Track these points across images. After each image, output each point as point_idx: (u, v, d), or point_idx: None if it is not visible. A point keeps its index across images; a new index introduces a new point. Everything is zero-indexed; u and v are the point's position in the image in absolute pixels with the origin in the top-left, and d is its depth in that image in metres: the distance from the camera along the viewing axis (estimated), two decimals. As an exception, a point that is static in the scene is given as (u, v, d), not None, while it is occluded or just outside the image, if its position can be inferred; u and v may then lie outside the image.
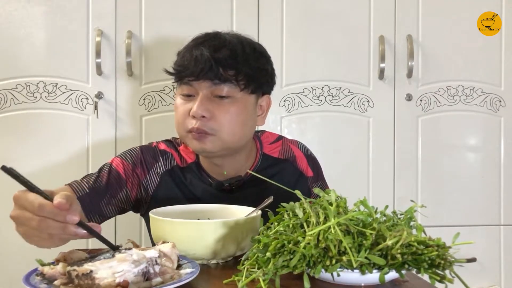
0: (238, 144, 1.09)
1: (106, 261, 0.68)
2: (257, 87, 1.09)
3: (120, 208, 1.13)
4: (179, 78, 1.06)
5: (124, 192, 1.12)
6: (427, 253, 0.66)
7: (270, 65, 1.14)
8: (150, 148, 1.17)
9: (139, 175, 1.13)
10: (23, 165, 1.71)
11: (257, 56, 1.09)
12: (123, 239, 1.72)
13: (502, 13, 1.90)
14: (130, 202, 1.14)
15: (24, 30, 1.72)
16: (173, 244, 0.77)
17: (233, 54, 1.03)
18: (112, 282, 0.65)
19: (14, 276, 1.53)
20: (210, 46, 1.03)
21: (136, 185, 1.13)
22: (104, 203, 1.09)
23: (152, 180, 1.14)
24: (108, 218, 1.12)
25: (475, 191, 1.91)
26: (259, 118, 1.14)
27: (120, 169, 1.12)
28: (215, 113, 1.03)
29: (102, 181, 1.09)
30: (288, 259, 0.68)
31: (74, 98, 1.74)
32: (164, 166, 1.15)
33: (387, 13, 1.85)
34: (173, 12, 1.77)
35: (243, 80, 1.04)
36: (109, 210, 1.10)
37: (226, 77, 1.02)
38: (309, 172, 1.24)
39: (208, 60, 1.01)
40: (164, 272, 0.72)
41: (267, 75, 1.12)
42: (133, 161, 1.14)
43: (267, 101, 1.15)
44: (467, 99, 1.91)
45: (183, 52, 1.07)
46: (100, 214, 1.09)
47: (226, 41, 1.05)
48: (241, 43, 1.07)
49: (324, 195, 0.76)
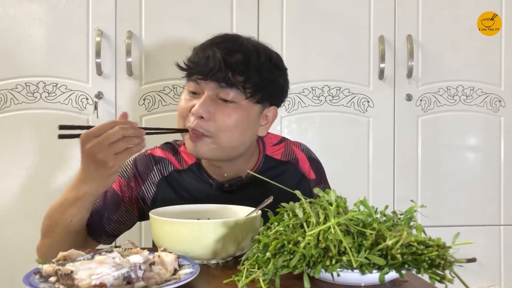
0: (235, 151, 1.07)
1: (86, 262, 0.68)
2: (265, 98, 1.06)
3: (124, 223, 1.13)
4: (188, 74, 1.05)
5: (122, 209, 1.12)
6: (427, 253, 0.66)
7: (284, 77, 1.10)
8: (143, 158, 1.16)
9: (134, 188, 1.13)
10: (23, 165, 1.72)
11: (271, 66, 1.05)
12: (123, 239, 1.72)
13: (502, 13, 1.90)
14: (134, 214, 1.14)
15: (24, 30, 1.72)
16: (176, 257, 0.77)
17: (246, 60, 1.01)
18: (90, 284, 0.64)
19: (14, 276, 1.53)
20: (225, 48, 1.01)
21: (134, 197, 1.13)
22: (105, 223, 1.10)
23: (148, 190, 1.13)
24: (116, 235, 1.14)
25: (475, 191, 1.91)
26: (261, 128, 1.10)
27: (116, 186, 1.12)
28: (216, 116, 1.01)
29: (99, 202, 1.10)
30: (288, 259, 0.68)
31: (74, 98, 1.74)
32: (160, 174, 1.14)
33: (387, 13, 1.85)
34: (173, 12, 1.77)
35: (251, 88, 1.02)
36: (113, 227, 1.11)
37: (234, 82, 1.00)
38: (311, 175, 1.22)
39: (219, 62, 0.99)
40: (150, 277, 0.71)
41: (278, 88, 1.09)
42: (128, 175, 1.13)
43: (273, 113, 1.12)
44: (467, 99, 1.91)
45: (198, 49, 1.05)
46: (105, 233, 1.11)
47: (242, 45, 1.03)
48: (257, 50, 1.04)
49: (324, 195, 0.76)
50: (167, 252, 0.79)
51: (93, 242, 1.12)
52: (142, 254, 0.74)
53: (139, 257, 0.72)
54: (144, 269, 0.71)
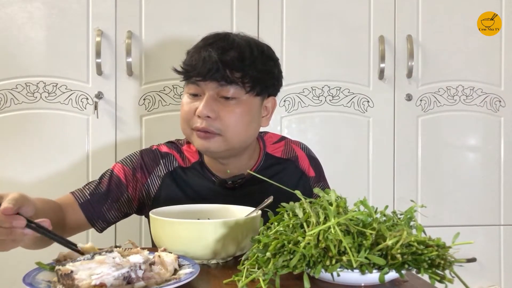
0: (243, 145, 1.11)
1: (86, 262, 0.69)
2: (263, 89, 1.10)
3: (123, 212, 1.15)
4: (187, 77, 1.08)
5: (125, 197, 1.14)
6: (427, 253, 0.67)
7: (277, 67, 1.15)
8: (150, 152, 1.19)
9: (140, 179, 1.15)
10: (23, 165, 1.71)
11: (265, 59, 1.10)
12: (123, 239, 1.73)
13: (502, 13, 1.89)
14: (133, 206, 1.16)
15: (24, 30, 1.72)
16: (176, 257, 0.78)
17: (241, 57, 1.04)
18: (90, 284, 0.65)
19: (14, 276, 1.52)
20: (219, 48, 1.04)
21: (138, 189, 1.15)
22: (106, 209, 1.11)
23: (154, 183, 1.16)
24: (112, 223, 1.15)
25: (475, 191, 1.91)
26: (263, 119, 1.15)
27: (121, 174, 1.14)
28: (220, 114, 1.05)
29: (103, 187, 1.12)
30: (288, 259, 0.68)
31: (74, 98, 1.74)
32: (165, 169, 1.17)
33: (387, 13, 1.85)
34: (173, 12, 1.77)
35: (249, 82, 1.05)
36: (112, 215, 1.13)
37: (233, 79, 1.04)
38: (311, 172, 1.26)
39: (216, 62, 1.02)
40: (150, 277, 0.71)
41: (274, 78, 1.13)
42: (134, 165, 1.16)
43: (272, 103, 1.16)
44: (467, 99, 1.90)
45: (192, 52, 1.08)
46: (104, 219, 1.12)
47: (234, 43, 1.06)
48: (249, 45, 1.07)
49: (324, 195, 0.76)
50: (167, 252, 0.79)
51: (84, 225, 1.09)
52: (142, 254, 0.74)
53: (139, 257, 0.72)
54: (144, 269, 0.71)
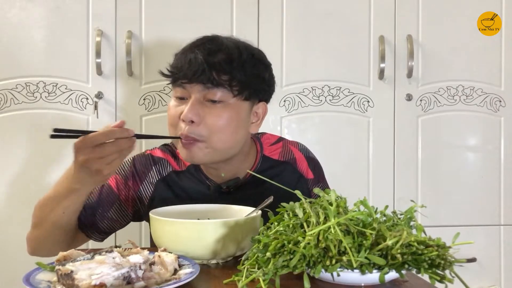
0: (230, 151, 1.06)
1: (86, 262, 0.69)
2: (252, 94, 1.05)
3: (117, 221, 1.13)
4: (173, 80, 1.05)
5: (116, 206, 1.12)
6: (427, 253, 0.66)
7: (269, 72, 1.10)
8: (142, 157, 1.16)
9: (132, 187, 1.13)
10: (23, 165, 1.71)
11: (254, 62, 1.05)
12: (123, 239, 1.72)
13: (502, 13, 1.90)
14: (128, 214, 1.14)
15: (24, 30, 1.72)
16: (176, 257, 0.78)
17: (228, 59, 1.01)
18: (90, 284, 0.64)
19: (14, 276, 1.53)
20: (205, 50, 1.01)
21: (130, 197, 1.13)
22: (98, 219, 1.10)
23: (146, 190, 1.13)
24: (108, 233, 1.13)
25: (475, 191, 1.91)
26: (252, 126, 1.10)
27: (112, 183, 1.12)
28: (206, 118, 1.01)
29: (94, 197, 1.10)
30: (288, 259, 0.68)
31: (74, 98, 1.74)
32: (158, 174, 1.14)
33: (387, 13, 1.85)
34: (173, 12, 1.77)
35: (237, 85, 1.01)
36: (105, 225, 1.11)
37: (220, 82, 1.00)
38: (309, 174, 1.22)
39: (202, 64, 0.99)
40: (150, 277, 0.71)
41: (264, 83, 1.08)
42: (125, 174, 1.13)
43: (263, 109, 1.11)
44: (467, 99, 1.91)
45: (179, 54, 1.06)
46: (97, 230, 1.11)
47: (222, 45, 1.03)
48: (238, 48, 1.04)
49: (324, 195, 0.76)
50: (167, 252, 0.79)
51: (83, 237, 1.11)
52: (142, 254, 0.74)
53: (139, 257, 0.72)
54: (144, 269, 0.71)
